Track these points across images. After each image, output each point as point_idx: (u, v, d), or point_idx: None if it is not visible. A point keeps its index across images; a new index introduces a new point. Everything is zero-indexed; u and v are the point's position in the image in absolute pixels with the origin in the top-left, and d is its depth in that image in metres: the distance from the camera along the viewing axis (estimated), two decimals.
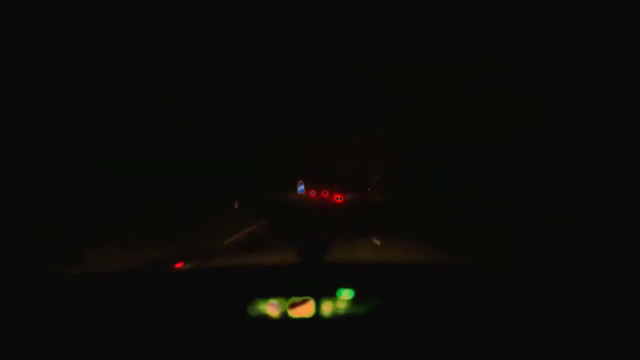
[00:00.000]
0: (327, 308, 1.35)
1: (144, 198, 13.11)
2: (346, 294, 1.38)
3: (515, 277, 1.67)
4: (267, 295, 1.36)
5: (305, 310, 1.35)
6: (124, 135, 12.77)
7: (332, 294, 1.37)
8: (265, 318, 1.34)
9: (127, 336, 1.26)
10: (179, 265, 2.10)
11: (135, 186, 13.07)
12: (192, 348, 1.23)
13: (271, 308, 1.35)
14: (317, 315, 1.34)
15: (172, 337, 1.26)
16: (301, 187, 29.22)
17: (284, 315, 1.34)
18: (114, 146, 12.37)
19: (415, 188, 26.44)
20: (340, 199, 31.45)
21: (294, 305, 1.35)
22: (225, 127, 20.67)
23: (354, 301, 1.37)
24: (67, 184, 10.17)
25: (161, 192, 14.74)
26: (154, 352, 1.24)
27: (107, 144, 12.09)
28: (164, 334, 1.28)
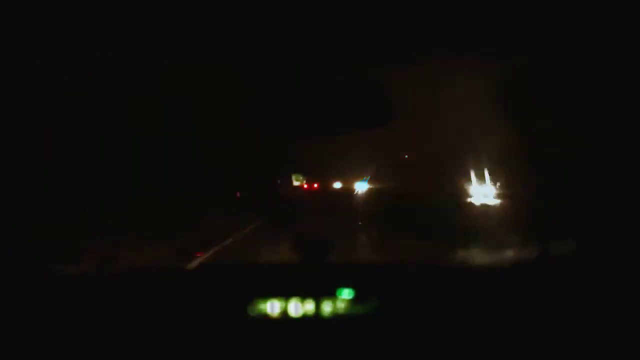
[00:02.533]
0: (327, 308, 1.35)
1: (146, 198, 13.06)
2: (346, 294, 1.38)
3: (517, 276, 1.67)
4: (267, 295, 1.36)
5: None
6: (125, 135, 12.78)
7: (332, 294, 1.37)
8: (265, 318, 1.34)
9: (127, 336, 1.26)
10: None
11: (137, 186, 13.06)
12: (192, 348, 1.23)
13: (271, 308, 1.35)
14: (317, 315, 1.34)
15: (172, 336, 1.26)
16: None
17: (284, 315, 1.34)
18: (115, 146, 12.38)
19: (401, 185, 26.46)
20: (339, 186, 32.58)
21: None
22: (228, 126, 20.78)
23: (354, 301, 1.38)
24: (67, 184, 10.19)
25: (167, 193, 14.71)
26: (154, 352, 1.24)
27: (109, 144, 12.10)
28: (163, 333, 1.28)
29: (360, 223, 10.88)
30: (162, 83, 14.01)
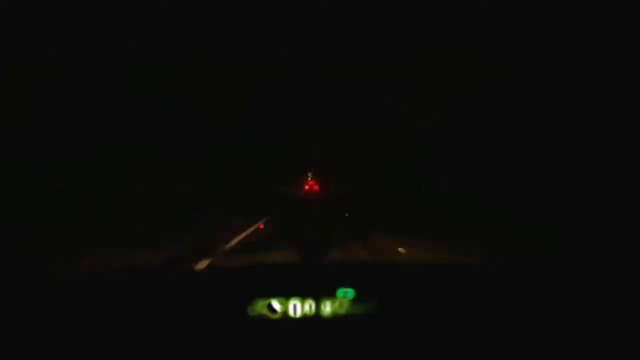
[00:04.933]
0: (327, 308, 1.35)
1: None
2: (346, 294, 1.38)
3: (518, 276, 1.67)
4: (267, 295, 1.36)
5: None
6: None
7: (332, 294, 1.37)
8: (265, 318, 1.34)
9: (128, 336, 1.26)
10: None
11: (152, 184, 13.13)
12: (192, 348, 1.24)
13: (271, 308, 1.35)
14: (317, 315, 1.34)
15: (172, 337, 1.26)
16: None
17: (284, 315, 1.34)
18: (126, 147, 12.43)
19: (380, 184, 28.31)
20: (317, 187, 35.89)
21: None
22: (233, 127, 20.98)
23: (354, 301, 1.38)
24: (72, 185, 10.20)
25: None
26: (154, 352, 1.24)
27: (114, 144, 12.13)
28: (164, 334, 1.28)
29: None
30: (162, 84, 14.01)
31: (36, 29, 8.77)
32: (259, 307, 1.35)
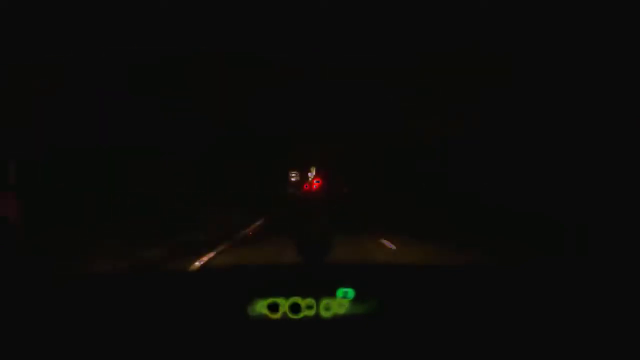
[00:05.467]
0: (327, 308, 1.35)
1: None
2: (346, 294, 1.38)
3: (518, 276, 1.68)
4: (267, 295, 1.36)
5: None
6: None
7: (332, 294, 1.37)
8: (265, 318, 1.34)
9: (128, 337, 1.26)
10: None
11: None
12: (192, 348, 1.24)
13: (271, 308, 1.35)
14: (317, 315, 1.34)
15: (172, 337, 1.26)
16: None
17: (284, 315, 1.34)
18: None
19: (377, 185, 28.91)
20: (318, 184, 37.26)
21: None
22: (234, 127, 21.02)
23: (354, 301, 1.38)
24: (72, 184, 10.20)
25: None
26: (154, 352, 1.24)
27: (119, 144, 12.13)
28: (163, 334, 1.28)
29: None
30: (162, 85, 14.01)
31: (36, 29, 8.78)
32: (259, 307, 1.35)
